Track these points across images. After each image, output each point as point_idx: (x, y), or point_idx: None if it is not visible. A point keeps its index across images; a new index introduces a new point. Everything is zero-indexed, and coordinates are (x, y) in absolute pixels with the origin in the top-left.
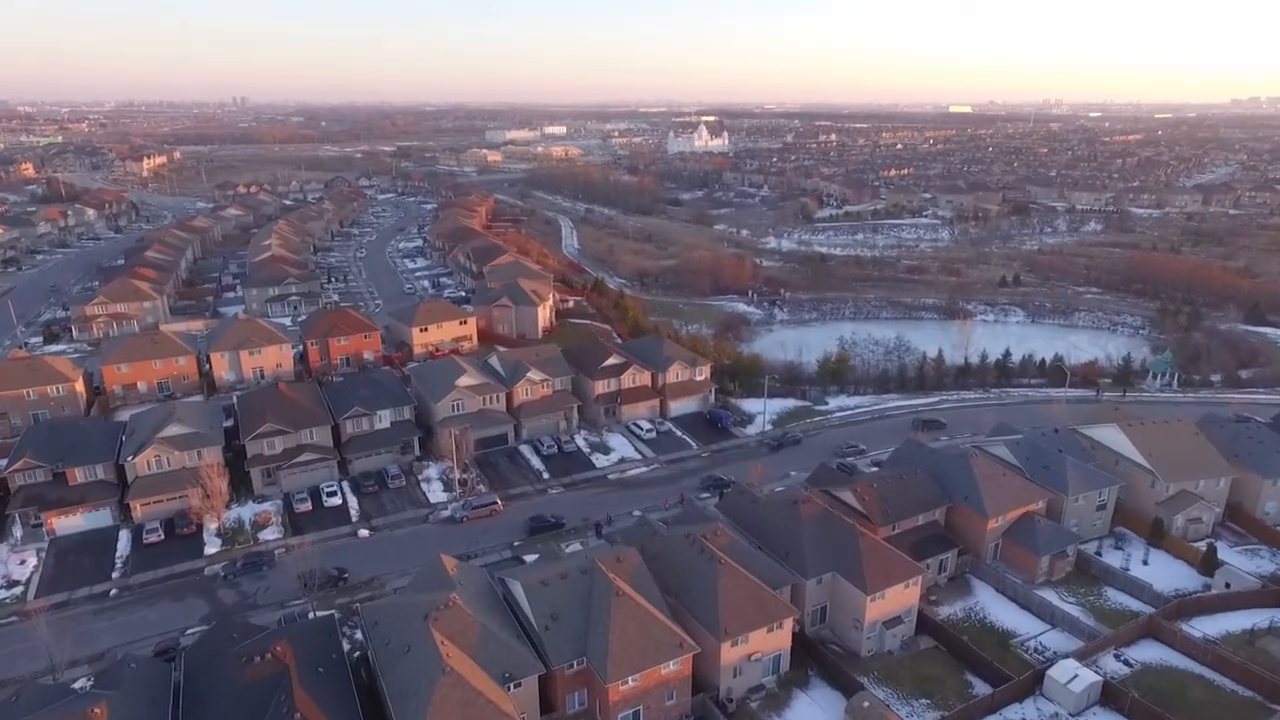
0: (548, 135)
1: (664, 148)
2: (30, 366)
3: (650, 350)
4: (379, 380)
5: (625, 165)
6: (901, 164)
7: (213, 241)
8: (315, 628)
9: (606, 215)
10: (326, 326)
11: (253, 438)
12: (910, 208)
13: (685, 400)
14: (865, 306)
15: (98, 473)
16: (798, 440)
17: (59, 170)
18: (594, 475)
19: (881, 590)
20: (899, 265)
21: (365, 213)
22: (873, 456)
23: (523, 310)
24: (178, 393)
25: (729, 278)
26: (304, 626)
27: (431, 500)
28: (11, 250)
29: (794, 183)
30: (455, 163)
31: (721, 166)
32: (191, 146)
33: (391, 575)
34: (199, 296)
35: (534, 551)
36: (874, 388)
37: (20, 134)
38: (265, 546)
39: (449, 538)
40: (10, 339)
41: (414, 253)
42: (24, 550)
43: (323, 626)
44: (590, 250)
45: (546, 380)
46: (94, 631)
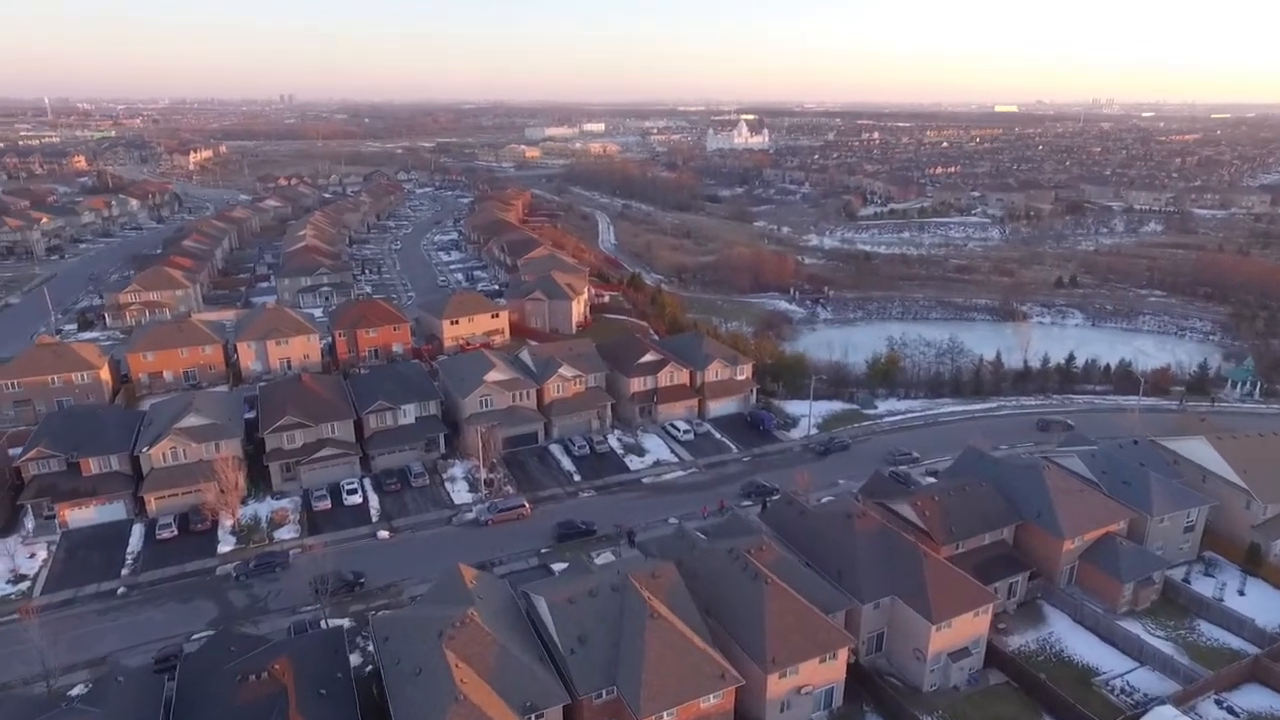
0: (586, 132)
1: (703, 145)
2: (56, 353)
3: (688, 347)
4: (405, 373)
5: (664, 161)
6: (948, 162)
7: (250, 232)
8: (320, 641)
9: (644, 211)
10: (355, 317)
11: (272, 431)
12: (958, 206)
13: (725, 400)
14: (913, 306)
15: (112, 464)
16: (846, 446)
17: (109, 163)
18: (627, 478)
19: (948, 619)
20: (947, 264)
21: (402, 206)
22: (927, 465)
23: (556, 304)
24: (204, 382)
25: (770, 275)
26: (308, 640)
27: (456, 501)
28: (56, 239)
29: (836, 180)
30: (494, 158)
31: (762, 163)
32: (238, 142)
33: (411, 581)
34: (233, 286)
35: (562, 560)
36: (926, 391)
37: (77, 129)
38: (280, 546)
39: (473, 542)
40: (46, 325)
41: (449, 246)
42: (35, 543)
43: (329, 640)
44: (627, 245)
45: (579, 377)
46: (97, 633)
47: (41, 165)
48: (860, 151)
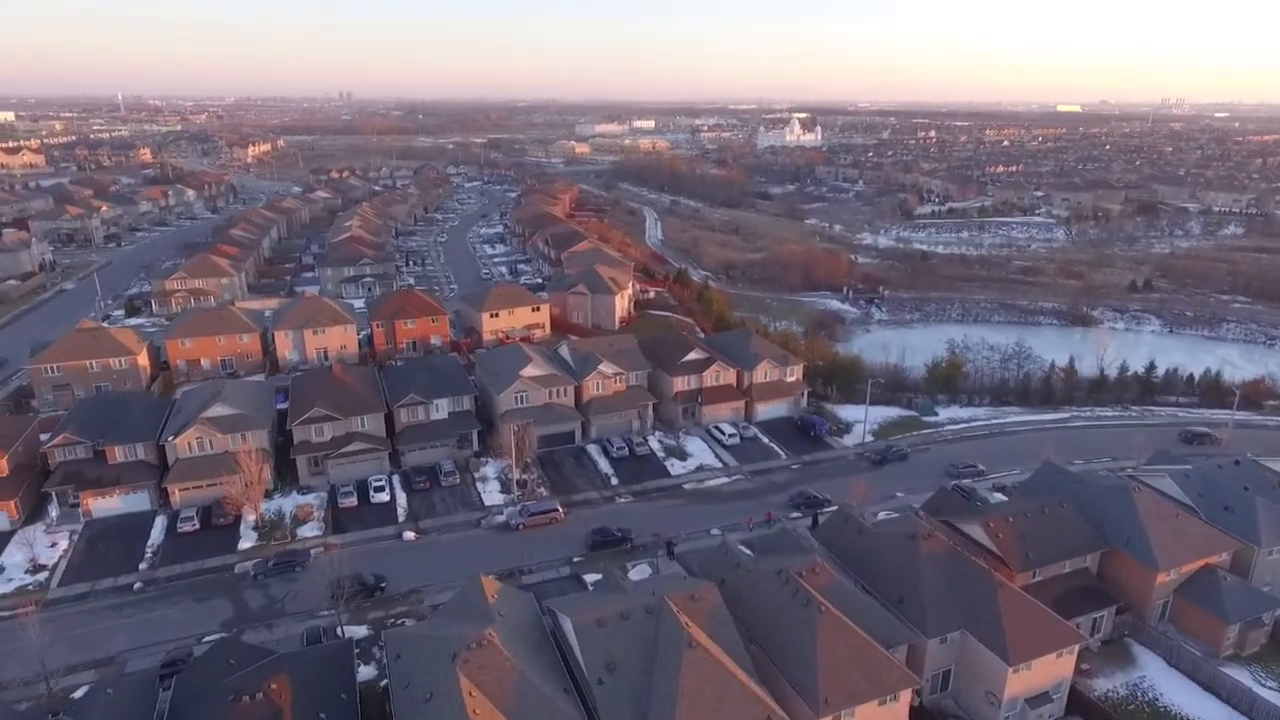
0: (636, 129)
1: (754, 142)
2: (94, 338)
3: (736, 346)
4: (439, 366)
5: (713, 158)
6: (1009, 161)
7: (299, 223)
8: (326, 656)
9: (692, 207)
10: (393, 308)
11: (299, 423)
12: (1021, 205)
13: (774, 403)
14: (974, 308)
15: (138, 452)
16: (904, 455)
17: (173, 156)
18: (668, 484)
19: (1027, 660)
20: (1010, 265)
21: (450, 199)
22: (994, 480)
23: (599, 299)
24: (241, 371)
25: (822, 273)
26: (312, 655)
27: (486, 502)
28: (115, 227)
29: (892, 178)
30: (543, 154)
31: (814, 160)
32: (296, 137)
33: (434, 588)
34: (278, 275)
35: (595, 571)
36: (991, 399)
37: (146, 124)
38: (302, 544)
39: (502, 547)
40: (95, 311)
41: (494, 239)
42: (58, 531)
43: (335, 655)
44: (674, 241)
45: (620, 374)
46: (108, 631)
47: (109, 157)
48: (916, 150)
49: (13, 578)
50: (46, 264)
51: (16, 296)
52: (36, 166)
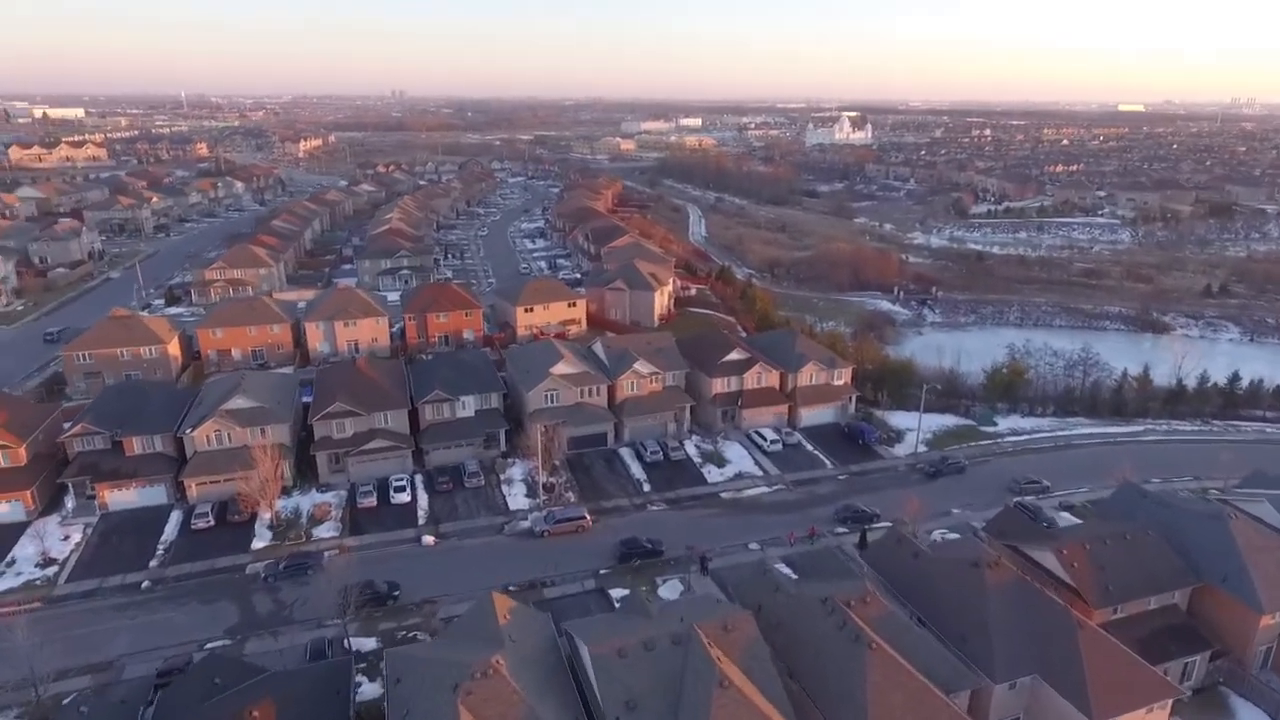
0: (682, 127)
1: (802, 140)
2: (126, 326)
3: (780, 346)
4: (468, 361)
5: (760, 155)
6: (1069, 160)
7: (343, 215)
8: (321, 677)
9: (737, 205)
10: (426, 301)
11: (320, 418)
12: (1082, 205)
13: (819, 408)
14: (1033, 311)
15: (156, 444)
16: (961, 468)
17: (228, 150)
18: (704, 491)
19: (1115, 715)
20: (1071, 267)
21: (493, 194)
22: (1060, 498)
23: (638, 295)
24: (271, 362)
25: (871, 272)
26: (306, 675)
27: (511, 506)
28: (164, 218)
29: (945, 176)
30: (588, 151)
31: (864, 158)
32: (347, 133)
33: (450, 599)
34: (318, 267)
35: (622, 585)
36: (1055, 408)
37: (206, 120)
38: (317, 545)
39: (524, 555)
40: (135, 300)
41: (535, 233)
42: (73, 524)
43: (331, 676)
44: (718, 238)
45: (656, 374)
46: (110, 633)
47: (168, 151)
48: (971, 148)
49: (21, 571)
50: (95, 253)
51: (64, 284)
52: (99, 160)
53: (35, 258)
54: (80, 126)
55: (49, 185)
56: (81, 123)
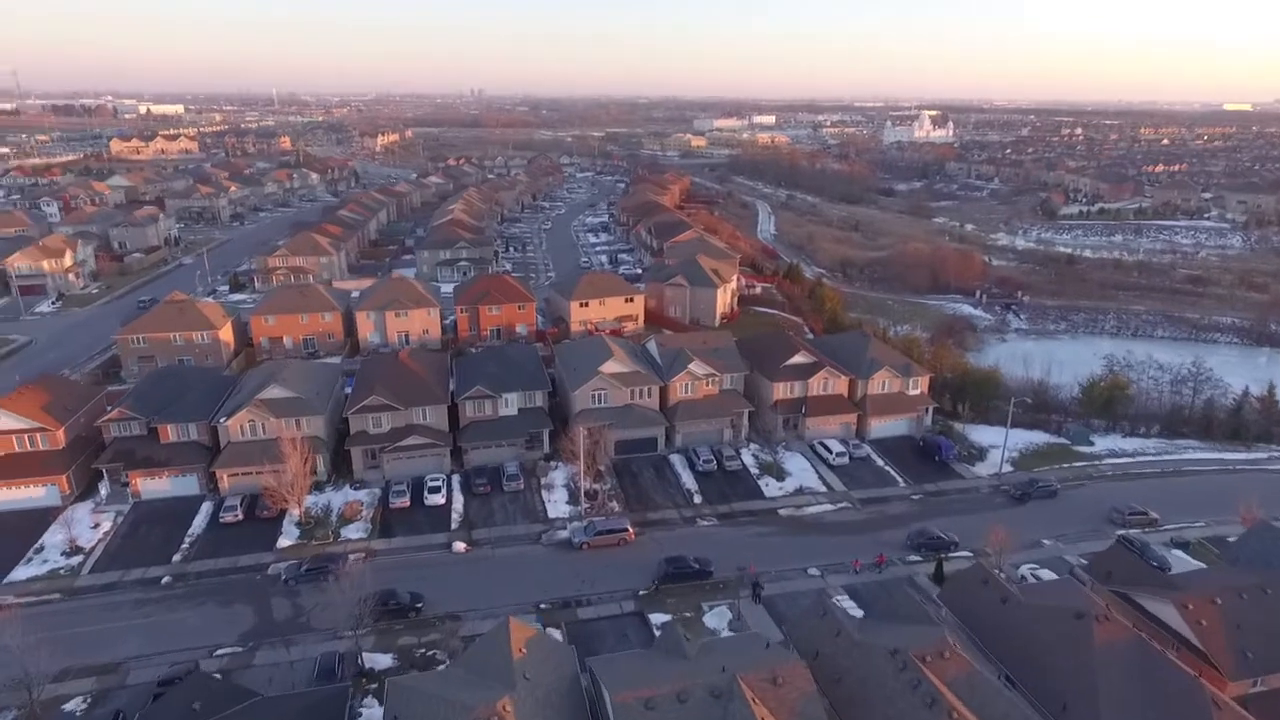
0: (755, 124)
1: (878, 137)
2: (181, 310)
3: (850, 350)
4: (513, 357)
5: (835, 153)
6: (1170, 159)
7: (410, 207)
8: (311, 706)
9: (809, 202)
10: (479, 293)
11: (356, 411)
12: (1186, 208)
13: (891, 419)
14: (1132, 320)
15: (190, 432)
16: (1051, 492)
17: (309, 144)
18: (760, 506)
19: None
20: (1174, 273)
21: (560, 188)
22: (1172, 533)
23: (699, 291)
24: (321, 351)
25: (951, 274)
26: (296, 704)
27: (550, 514)
28: (240, 207)
29: (1033, 175)
30: (659, 147)
31: (945, 156)
32: (424, 129)
33: (475, 615)
34: (380, 257)
35: (663, 609)
36: (1162, 429)
37: (292, 116)
38: (344, 546)
39: (560, 569)
40: (202, 286)
41: (598, 228)
42: (104, 512)
43: (324, 706)
44: (788, 236)
45: (712, 376)
46: (123, 631)
47: (253, 144)
48: (1060, 147)
49: (48, 559)
50: (171, 239)
51: (139, 269)
52: (191, 152)
53: (115, 243)
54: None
55: (138, 175)
56: (180, 118)
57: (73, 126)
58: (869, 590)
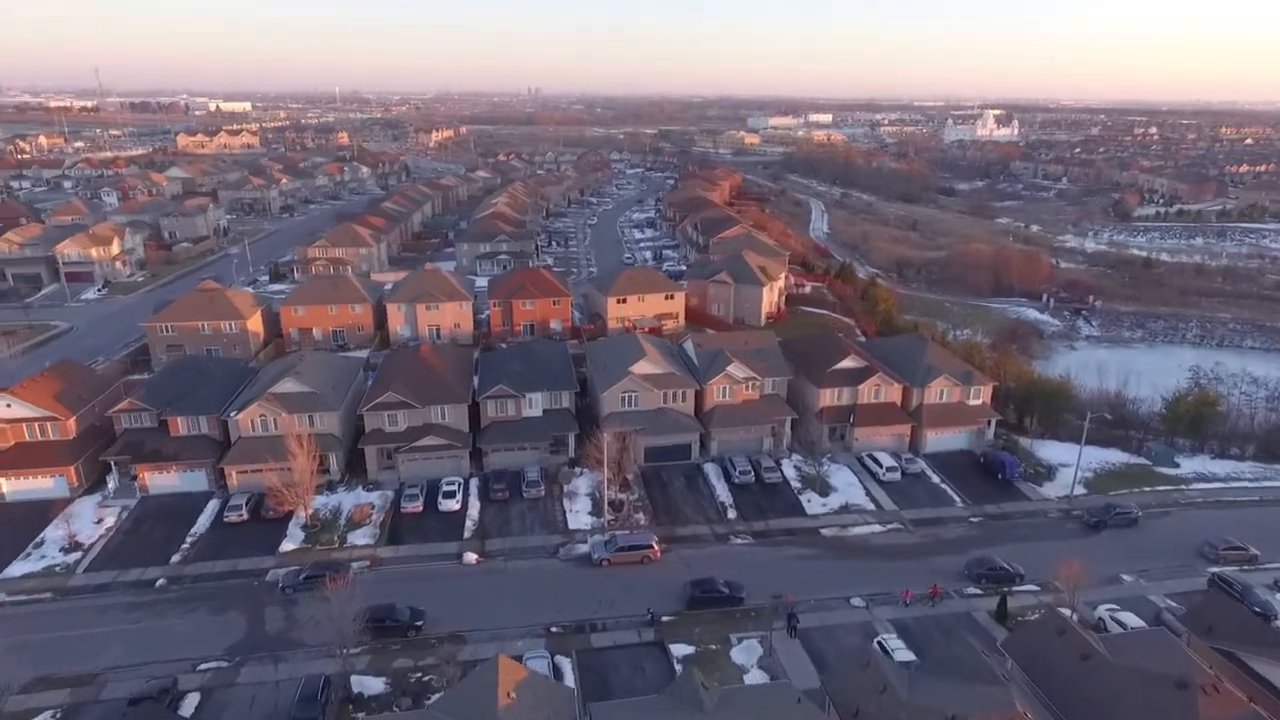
0: (811, 123)
1: (939, 136)
2: (210, 299)
3: (905, 355)
4: (541, 354)
5: (893, 151)
6: (1256, 159)
7: (456, 200)
8: None
9: (865, 201)
10: (513, 287)
11: (370, 408)
12: (1275, 210)
13: (949, 431)
14: (1217, 329)
15: (201, 426)
16: (1131, 519)
17: (366, 140)
18: (801, 524)
19: None
20: (1263, 279)
21: (608, 184)
22: (1276, 575)
23: (744, 289)
24: (351, 344)
25: (1016, 276)
26: None
27: (570, 525)
28: (291, 199)
29: (1104, 175)
30: (711, 144)
31: (1010, 155)
32: (479, 126)
33: (480, 635)
34: (422, 249)
35: (687, 639)
36: (1257, 450)
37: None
38: (349, 553)
39: (576, 587)
40: (243, 275)
41: (644, 224)
42: (110, 506)
43: None
44: (841, 235)
45: (753, 380)
46: (107, 637)
47: (312, 140)
48: (1133, 146)
49: (46, 555)
50: (220, 229)
51: (185, 258)
52: (252, 146)
53: (166, 232)
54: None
55: (194, 167)
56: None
57: (146, 122)
58: (921, 627)
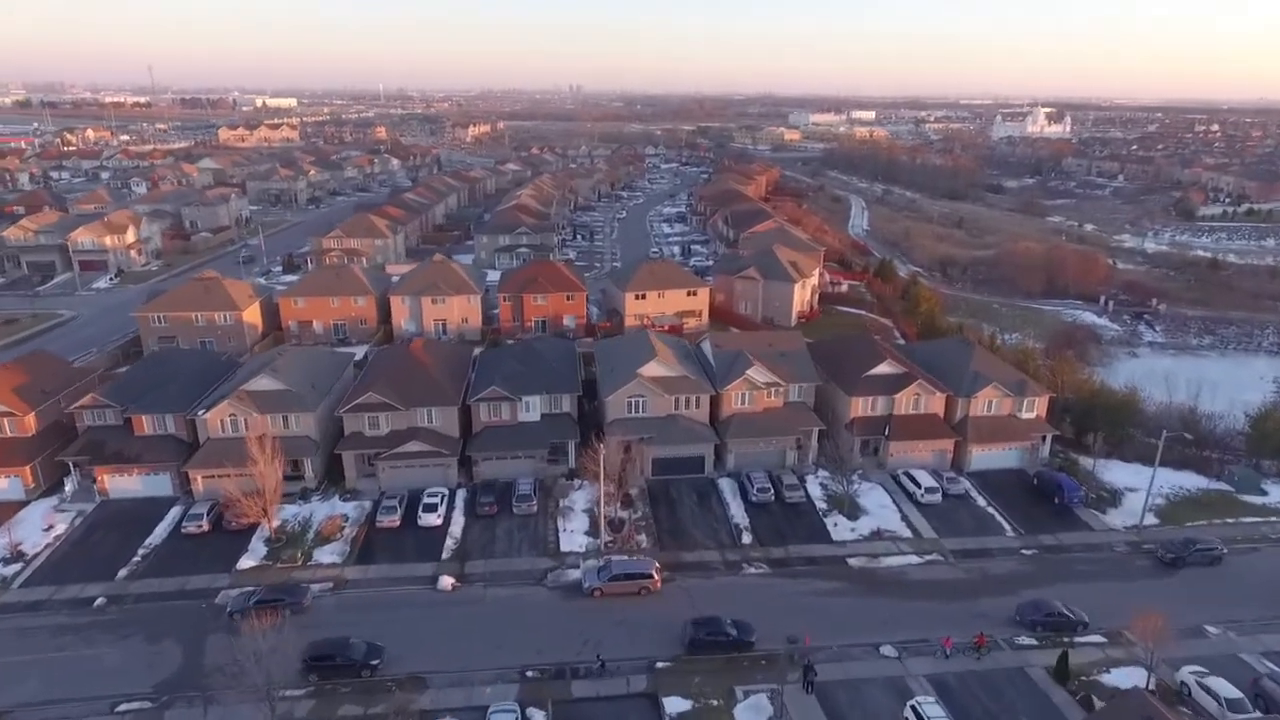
0: (854, 120)
1: (986, 132)
2: (206, 289)
3: (949, 361)
4: (543, 353)
5: (938, 147)
6: None
7: (483, 192)
8: None
9: (908, 198)
10: (524, 280)
11: (349, 409)
12: None
13: (998, 447)
14: None
15: (167, 425)
16: (1215, 556)
17: (403, 134)
18: (825, 553)
19: None
20: None
21: (640, 178)
22: None
23: (774, 286)
24: (353, 338)
25: (1070, 277)
26: None
27: (563, 546)
28: (319, 190)
29: (1164, 173)
30: (750, 140)
31: (1061, 152)
32: (518, 122)
33: (442, 679)
34: (443, 241)
35: (684, 692)
36: None
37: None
38: (311, 573)
39: (561, 621)
40: (259, 268)
41: (675, 218)
42: (66, 511)
43: None
44: (881, 232)
45: (776, 386)
46: (26, 668)
47: (351, 134)
48: (1195, 143)
49: None
50: (242, 220)
51: (204, 248)
52: (292, 140)
53: (187, 221)
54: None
55: (226, 158)
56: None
57: (193, 118)
58: (964, 686)
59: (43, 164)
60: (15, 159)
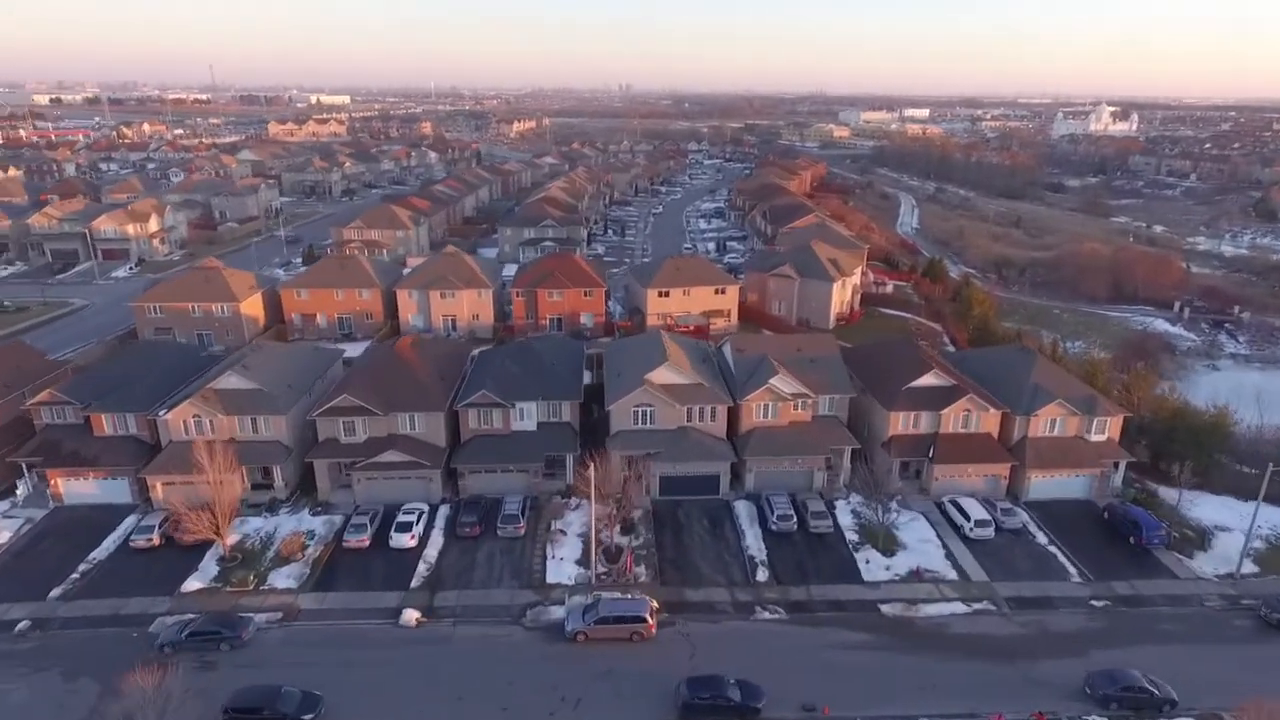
0: (907, 117)
1: (1046, 131)
2: (206, 279)
3: (1005, 372)
4: (545, 354)
5: (995, 145)
6: None
7: (517, 185)
8: None
9: (961, 196)
10: (539, 275)
11: (322, 413)
12: None
13: (1062, 474)
14: None
15: (129, 425)
16: None
17: (448, 130)
18: (854, 596)
19: None
20: None
21: (680, 173)
22: None
23: (811, 285)
24: (358, 333)
25: (1140, 281)
26: None
27: (549, 577)
28: (354, 183)
29: (1243, 172)
30: (798, 137)
31: (1128, 149)
32: (565, 119)
33: None
34: (469, 234)
35: None
36: None
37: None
38: (261, 599)
39: (534, 673)
40: (279, 258)
41: (712, 213)
42: (14, 518)
43: None
44: (932, 230)
45: (804, 397)
46: None
47: (396, 129)
48: (1277, 142)
49: None
50: (271, 210)
51: (230, 239)
52: (339, 135)
53: (215, 211)
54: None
55: (265, 150)
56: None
57: (249, 114)
58: None
59: (92, 155)
60: (67, 150)
